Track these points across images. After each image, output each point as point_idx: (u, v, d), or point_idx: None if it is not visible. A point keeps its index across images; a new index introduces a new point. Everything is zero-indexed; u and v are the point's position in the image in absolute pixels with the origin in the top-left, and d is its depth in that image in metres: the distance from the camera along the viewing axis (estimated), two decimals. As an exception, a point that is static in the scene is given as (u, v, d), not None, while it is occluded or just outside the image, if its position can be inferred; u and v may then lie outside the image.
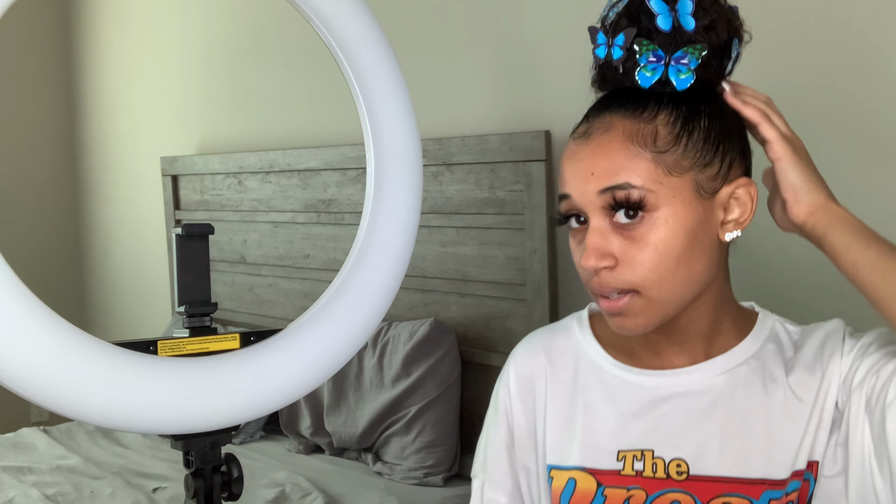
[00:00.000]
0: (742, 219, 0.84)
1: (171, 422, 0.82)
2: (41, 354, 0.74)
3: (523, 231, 2.12)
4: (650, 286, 0.82)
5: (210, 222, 0.93)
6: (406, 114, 1.03)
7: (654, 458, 0.88)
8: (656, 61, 0.81)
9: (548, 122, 2.11)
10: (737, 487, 0.84)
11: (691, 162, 0.82)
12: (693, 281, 0.83)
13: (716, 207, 0.83)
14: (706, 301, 0.87)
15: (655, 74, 0.81)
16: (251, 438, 2.68)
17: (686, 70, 0.81)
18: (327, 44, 1.00)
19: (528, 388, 0.99)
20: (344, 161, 2.62)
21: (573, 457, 0.91)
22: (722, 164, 0.83)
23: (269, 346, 0.91)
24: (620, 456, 0.89)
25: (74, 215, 4.18)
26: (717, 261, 0.86)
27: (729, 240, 0.85)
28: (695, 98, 0.83)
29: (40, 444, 2.68)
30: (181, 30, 3.41)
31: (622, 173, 0.81)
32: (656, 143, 0.81)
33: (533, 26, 2.15)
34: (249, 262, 3.04)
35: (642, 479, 0.87)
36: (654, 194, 0.81)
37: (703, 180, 0.82)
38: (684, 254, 0.82)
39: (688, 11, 0.81)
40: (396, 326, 2.36)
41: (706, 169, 0.82)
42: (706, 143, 0.82)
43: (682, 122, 0.82)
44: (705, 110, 0.83)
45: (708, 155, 0.82)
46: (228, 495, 0.91)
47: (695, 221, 0.82)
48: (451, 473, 2.24)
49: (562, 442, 0.93)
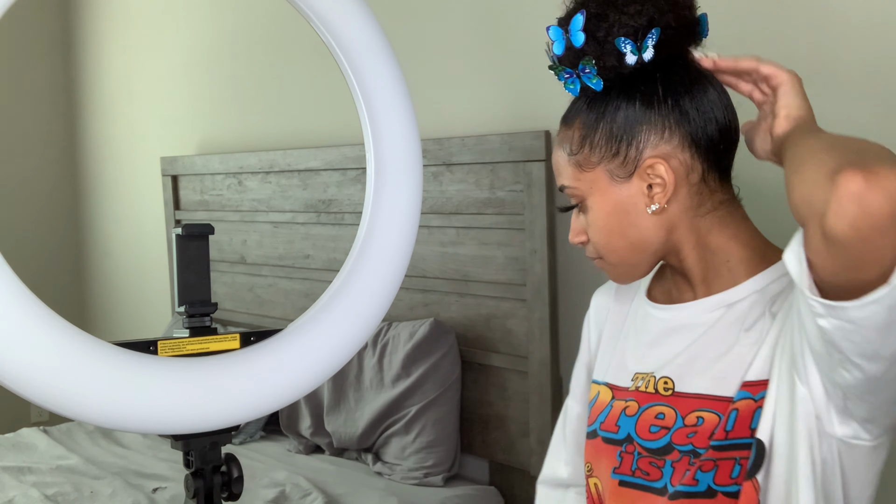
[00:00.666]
0: (663, 192, 0.96)
1: (171, 422, 0.82)
2: (41, 354, 0.74)
3: (523, 231, 2.12)
4: (604, 254, 1.02)
5: (210, 222, 0.93)
6: (406, 114, 1.03)
7: (650, 376, 1.02)
8: (570, 76, 0.98)
9: (548, 122, 2.11)
10: (707, 403, 0.95)
11: (599, 157, 0.98)
12: (634, 247, 0.99)
13: (634, 186, 0.97)
14: (688, 250, 0.99)
15: (576, 86, 0.98)
16: (251, 438, 2.68)
17: (593, 76, 0.95)
18: (327, 44, 1.00)
19: (598, 317, 1.18)
20: (344, 161, 2.62)
21: (605, 374, 1.10)
22: (628, 150, 0.96)
23: (269, 346, 0.91)
24: (634, 376, 1.04)
25: (74, 215, 4.18)
26: (658, 226, 0.98)
27: (651, 211, 0.97)
28: (608, 96, 0.97)
29: (40, 444, 2.68)
30: (181, 30, 3.41)
31: (559, 177, 1.03)
32: (572, 147, 1.00)
33: (533, 26, 2.15)
34: (249, 262, 3.04)
35: (637, 393, 1.02)
36: (579, 189, 1.00)
37: (614, 168, 0.97)
38: (615, 229, 0.99)
39: (578, 28, 0.95)
40: (396, 326, 2.36)
41: (615, 159, 0.97)
42: (610, 138, 0.97)
43: (588, 125, 0.98)
44: (616, 105, 0.96)
45: (613, 147, 0.97)
46: (228, 495, 0.91)
47: (615, 203, 0.98)
48: (451, 473, 2.24)
49: (604, 361, 1.11)
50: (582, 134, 0.99)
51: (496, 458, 2.27)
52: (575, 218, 1.04)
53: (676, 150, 0.95)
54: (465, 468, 2.34)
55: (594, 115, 0.98)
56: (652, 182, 0.96)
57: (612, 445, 1.03)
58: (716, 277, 0.99)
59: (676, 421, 0.97)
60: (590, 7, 0.95)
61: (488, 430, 2.27)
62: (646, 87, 0.96)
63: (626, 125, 0.96)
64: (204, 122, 3.34)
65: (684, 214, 0.98)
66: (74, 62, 4.11)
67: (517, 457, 2.20)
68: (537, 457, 2.13)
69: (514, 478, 2.24)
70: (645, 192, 0.97)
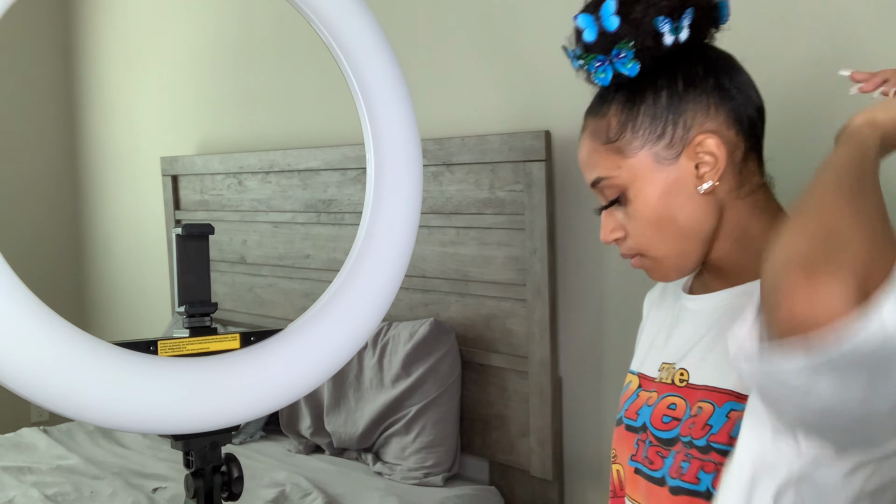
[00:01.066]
0: (715, 168, 0.93)
1: (171, 422, 0.82)
2: (41, 354, 0.74)
3: (523, 231, 2.12)
4: (647, 249, 0.98)
5: (210, 222, 0.93)
6: (406, 114, 1.03)
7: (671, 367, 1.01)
8: (602, 63, 0.94)
9: (548, 122, 2.11)
10: (709, 394, 0.94)
11: (643, 141, 0.94)
12: (684, 234, 0.95)
13: (683, 167, 0.94)
14: (725, 240, 0.96)
15: (608, 73, 0.94)
16: (251, 438, 2.68)
17: (628, 60, 0.92)
18: (327, 44, 1.00)
19: (647, 308, 1.17)
20: (344, 161, 2.62)
21: (639, 365, 1.09)
22: (675, 130, 0.93)
23: (269, 346, 0.91)
24: (661, 366, 1.03)
25: (74, 215, 4.18)
26: (708, 208, 0.94)
27: (703, 191, 0.93)
28: (646, 78, 0.94)
29: (40, 444, 2.68)
30: (181, 30, 3.41)
31: (594, 169, 0.99)
32: (609, 135, 0.96)
33: (533, 26, 2.15)
34: (249, 262, 3.04)
35: (658, 384, 1.02)
36: (619, 179, 0.96)
37: (660, 151, 0.94)
38: (663, 216, 0.95)
39: (611, 12, 0.92)
40: (396, 326, 2.36)
41: (660, 140, 0.94)
42: (654, 120, 0.94)
43: (627, 110, 0.95)
44: (655, 86, 0.94)
45: (658, 128, 0.94)
46: (228, 495, 0.91)
47: (662, 187, 0.94)
48: (451, 473, 2.24)
49: (640, 353, 1.11)
50: (620, 120, 0.95)
51: (496, 458, 2.27)
52: (608, 215, 1.00)
53: (722, 128, 0.93)
54: (465, 468, 2.34)
55: (633, 99, 0.95)
56: (700, 161, 0.93)
57: (631, 433, 1.04)
58: (749, 266, 0.96)
59: (686, 412, 0.96)
60: None
61: (488, 430, 2.27)
62: (686, 66, 0.94)
63: (670, 105, 0.93)
64: (204, 122, 3.34)
65: (729, 195, 0.95)
66: (74, 63, 4.11)
67: (517, 457, 2.20)
68: (537, 457, 2.13)
69: (514, 478, 2.24)
70: (693, 172, 0.94)
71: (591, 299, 2.06)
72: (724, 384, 0.93)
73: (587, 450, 2.10)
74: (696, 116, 0.93)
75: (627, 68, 0.93)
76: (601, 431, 2.07)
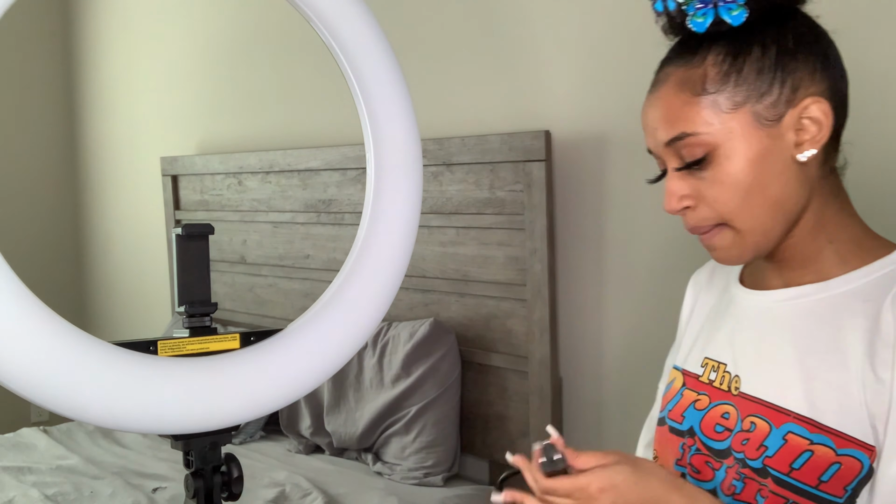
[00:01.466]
0: (818, 137, 0.85)
1: (171, 422, 0.82)
2: (41, 354, 0.74)
3: (523, 231, 2.12)
4: (732, 218, 0.86)
5: (210, 222, 0.93)
6: (406, 114, 1.03)
7: (725, 371, 0.95)
8: (704, 6, 0.84)
9: (548, 122, 2.11)
10: (764, 410, 0.87)
11: (745, 96, 0.84)
12: (774, 205, 0.86)
13: (784, 131, 0.85)
14: (803, 225, 0.88)
15: (707, 18, 0.84)
16: (251, 438, 2.68)
17: (736, 6, 0.83)
18: (327, 44, 1.00)
19: (688, 302, 1.10)
20: (344, 161, 2.62)
21: (683, 360, 1.04)
22: (783, 89, 0.84)
23: (269, 346, 0.91)
24: (704, 363, 0.98)
25: (74, 215, 4.18)
26: (800, 182, 0.86)
27: (803, 159, 0.85)
28: (752, 30, 0.85)
29: (40, 444, 2.68)
30: (181, 30, 3.41)
31: (678, 123, 0.86)
32: (706, 86, 0.85)
33: (533, 26, 2.15)
34: (249, 262, 3.04)
35: (710, 388, 0.96)
36: (711, 136, 0.85)
37: (762, 110, 0.84)
38: (755, 183, 0.85)
39: None
40: (396, 326, 2.36)
41: (763, 98, 0.84)
42: (760, 74, 0.84)
43: (731, 60, 0.85)
44: (762, 40, 0.85)
45: (763, 85, 0.84)
46: (228, 495, 0.91)
47: (758, 150, 0.84)
48: (451, 473, 2.24)
49: (685, 347, 1.05)
50: (723, 70, 0.85)
51: (496, 458, 2.27)
52: (679, 178, 0.88)
53: (825, 96, 0.85)
54: (465, 468, 2.34)
55: (738, 50, 0.85)
56: (801, 127, 0.85)
57: (675, 436, 0.99)
58: (814, 262, 0.89)
59: (737, 423, 0.90)
60: None
61: (488, 430, 2.27)
62: (796, 24, 0.85)
63: (778, 61, 0.84)
64: (204, 122, 3.34)
65: (819, 172, 0.87)
66: (74, 62, 4.11)
67: (517, 457, 2.20)
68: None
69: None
70: (794, 138, 0.85)
71: (591, 299, 2.06)
72: (784, 402, 0.86)
73: (587, 450, 2.10)
74: (805, 78, 0.84)
75: (733, 16, 0.83)
76: (601, 431, 2.07)
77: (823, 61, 0.86)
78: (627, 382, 2.02)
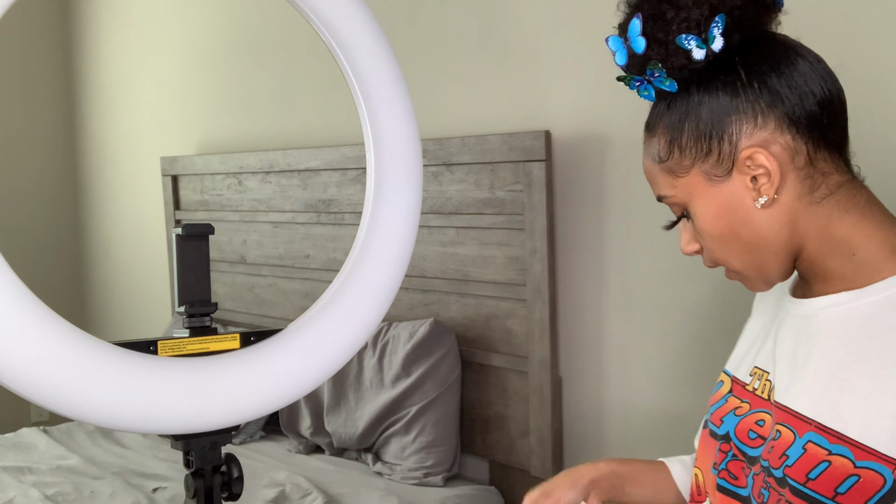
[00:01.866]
0: (769, 183, 0.87)
1: (171, 422, 0.82)
2: (41, 354, 0.74)
3: (523, 231, 2.13)
4: (724, 262, 0.93)
5: (210, 222, 0.93)
6: (406, 114, 1.03)
7: (767, 379, 0.96)
8: (640, 83, 0.90)
9: (548, 122, 2.11)
10: (791, 419, 0.88)
11: (691, 160, 0.90)
12: (753, 248, 0.90)
13: (737, 182, 0.88)
14: (811, 248, 0.90)
15: (650, 91, 0.91)
16: (251, 438, 2.68)
17: (664, 78, 0.88)
18: (327, 44, 1.00)
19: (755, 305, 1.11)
20: (344, 161, 2.62)
21: (735, 367, 1.04)
22: (721, 146, 0.88)
23: (269, 346, 0.91)
24: (752, 371, 0.99)
25: (74, 215, 4.18)
26: (775, 220, 0.88)
27: (760, 205, 0.88)
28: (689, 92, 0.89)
29: (40, 444, 2.68)
30: (181, 30, 3.41)
31: (655, 187, 0.95)
32: (661, 155, 0.92)
33: (533, 26, 2.15)
34: (249, 262, 3.05)
35: (752, 396, 0.97)
36: (677, 197, 0.92)
37: (710, 168, 0.89)
38: (726, 232, 0.90)
39: (636, 33, 0.88)
40: (396, 326, 2.36)
41: (708, 158, 0.89)
42: (699, 138, 0.89)
43: (672, 129, 0.90)
44: (699, 102, 0.88)
45: (704, 147, 0.89)
46: (228, 495, 0.91)
47: (719, 205, 0.90)
48: (450, 473, 2.24)
49: (738, 352, 1.06)
50: (668, 139, 0.91)
51: (496, 458, 2.27)
52: (683, 226, 0.96)
53: (775, 135, 0.86)
54: (465, 468, 2.34)
55: (677, 117, 0.90)
56: (754, 174, 0.87)
57: (713, 440, 1.00)
58: (839, 276, 0.89)
59: (769, 431, 0.91)
60: (644, 8, 0.87)
61: (488, 430, 2.27)
62: (726, 74, 0.87)
63: (712, 120, 0.88)
64: (204, 122, 3.34)
65: (798, 203, 0.88)
66: (74, 62, 4.11)
67: (517, 457, 2.20)
68: (537, 457, 2.13)
69: (514, 478, 2.24)
70: (749, 186, 0.87)
71: (591, 299, 2.06)
72: (810, 412, 0.86)
73: (587, 450, 2.10)
74: (743, 128, 0.87)
75: (665, 86, 0.88)
76: (601, 431, 2.07)
77: (768, 98, 0.86)
78: (627, 382, 2.02)
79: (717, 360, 1.85)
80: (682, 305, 1.90)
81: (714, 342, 1.83)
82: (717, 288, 1.83)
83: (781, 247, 0.89)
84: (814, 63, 0.88)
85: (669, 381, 1.94)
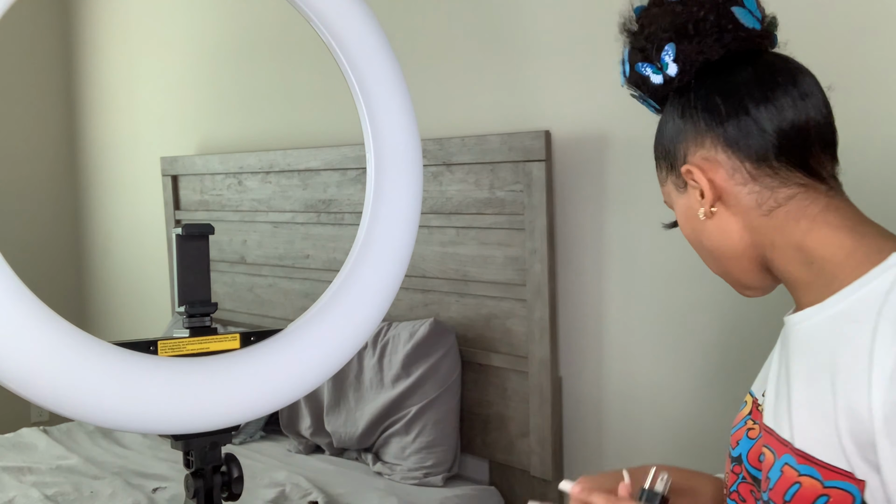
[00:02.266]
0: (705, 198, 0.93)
1: (171, 422, 0.82)
2: (41, 354, 0.74)
3: (523, 231, 2.13)
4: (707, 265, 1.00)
5: (210, 222, 0.93)
6: (406, 114, 1.03)
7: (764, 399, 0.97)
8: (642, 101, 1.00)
9: (548, 122, 2.11)
10: (771, 441, 0.89)
11: (665, 172, 0.99)
12: (716, 255, 0.96)
13: (692, 194, 0.95)
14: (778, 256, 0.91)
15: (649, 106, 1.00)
16: (251, 438, 2.68)
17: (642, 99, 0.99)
18: (327, 44, 1.00)
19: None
20: (344, 161, 2.62)
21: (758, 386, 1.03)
22: (674, 163, 0.96)
23: (269, 346, 0.91)
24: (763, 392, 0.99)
25: (74, 215, 4.18)
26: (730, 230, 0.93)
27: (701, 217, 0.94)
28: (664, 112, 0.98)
29: (40, 444, 2.68)
30: (181, 30, 3.41)
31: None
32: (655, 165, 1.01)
33: (533, 27, 2.15)
34: (249, 262, 3.05)
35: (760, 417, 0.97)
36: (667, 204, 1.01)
37: (674, 180, 0.97)
38: (692, 238, 0.98)
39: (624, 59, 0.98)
40: (396, 326, 2.36)
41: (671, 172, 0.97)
42: (665, 155, 0.98)
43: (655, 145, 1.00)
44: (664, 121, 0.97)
45: (666, 163, 0.98)
46: (228, 495, 0.91)
47: (684, 212, 0.97)
48: (451, 473, 2.24)
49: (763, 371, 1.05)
50: (655, 154, 1.01)
51: (496, 458, 2.27)
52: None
53: (711, 153, 0.91)
54: (465, 468, 2.34)
55: (657, 132, 0.99)
56: (698, 188, 0.93)
57: (729, 460, 1.01)
58: (805, 285, 0.89)
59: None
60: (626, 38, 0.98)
61: (488, 430, 2.28)
62: (681, 97, 0.94)
63: (670, 138, 0.96)
64: (204, 122, 3.34)
65: (749, 215, 0.91)
66: (74, 62, 4.11)
67: (517, 457, 2.20)
68: (537, 457, 2.13)
69: (514, 478, 2.24)
70: (699, 199, 0.93)
71: (591, 299, 2.06)
72: (786, 434, 0.87)
73: (587, 450, 2.10)
74: (689, 146, 0.93)
75: (649, 105, 0.99)
76: (601, 431, 2.08)
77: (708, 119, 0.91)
78: (627, 382, 2.02)
79: (717, 360, 1.86)
80: (682, 305, 1.90)
81: (714, 342, 1.83)
82: (716, 288, 1.83)
83: (740, 254, 0.93)
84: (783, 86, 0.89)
85: (669, 382, 1.94)
